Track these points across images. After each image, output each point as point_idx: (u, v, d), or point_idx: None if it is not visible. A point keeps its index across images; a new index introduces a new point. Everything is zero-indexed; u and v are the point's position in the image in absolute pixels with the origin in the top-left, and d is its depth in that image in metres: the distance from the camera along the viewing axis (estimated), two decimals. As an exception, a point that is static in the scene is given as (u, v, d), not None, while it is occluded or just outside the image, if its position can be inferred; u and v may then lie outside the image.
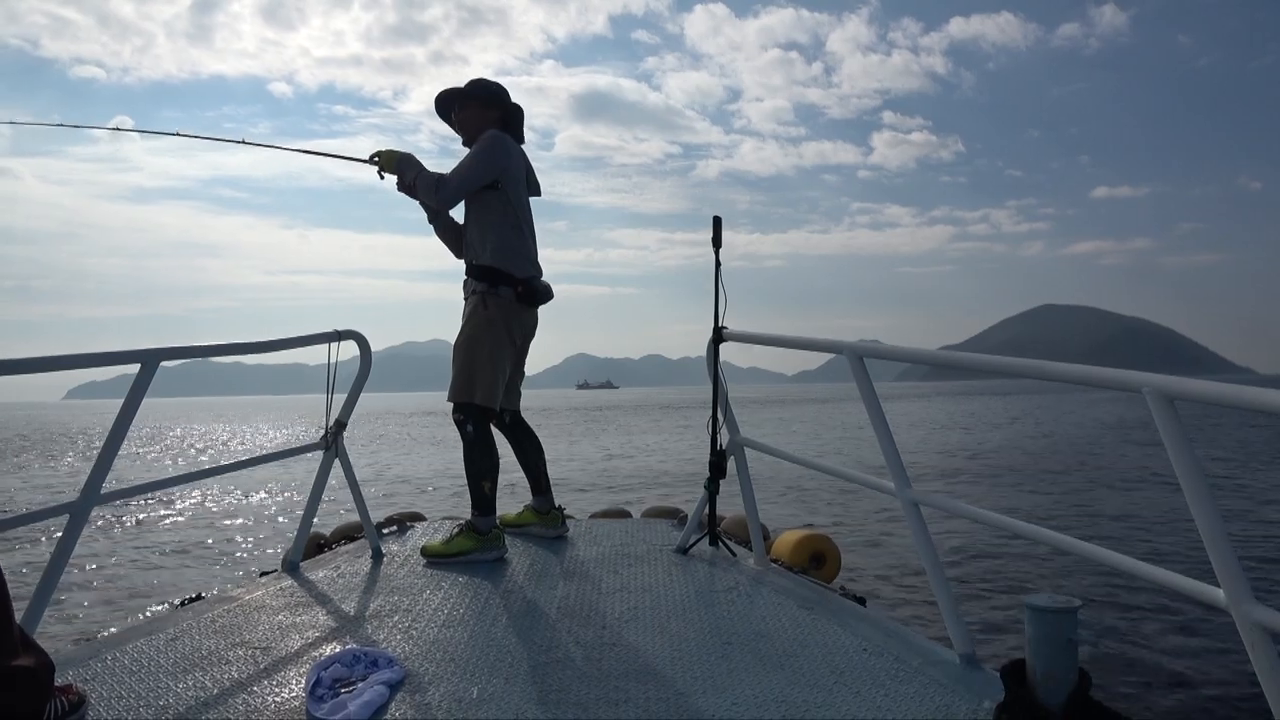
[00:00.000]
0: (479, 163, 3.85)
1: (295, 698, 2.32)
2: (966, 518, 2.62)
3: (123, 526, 11.68)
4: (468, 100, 4.03)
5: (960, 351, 2.80)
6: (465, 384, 3.87)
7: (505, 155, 3.90)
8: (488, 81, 4.10)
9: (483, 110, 4.01)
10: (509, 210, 3.92)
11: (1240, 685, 4.96)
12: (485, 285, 3.89)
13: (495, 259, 3.89)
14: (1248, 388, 1.66)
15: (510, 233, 3.92)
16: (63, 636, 6.38)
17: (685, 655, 2.64)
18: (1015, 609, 6.40)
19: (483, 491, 3.90)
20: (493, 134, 3.90)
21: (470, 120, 4.02)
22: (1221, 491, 13.15)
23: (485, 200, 3.90)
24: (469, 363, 3.88)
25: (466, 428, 3.88)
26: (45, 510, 2.74)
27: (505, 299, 3.90)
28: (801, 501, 12.64)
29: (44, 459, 27.70)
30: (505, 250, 3.91)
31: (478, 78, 4.14)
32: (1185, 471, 1.74)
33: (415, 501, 12.80)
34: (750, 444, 3.96)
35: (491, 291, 3.88)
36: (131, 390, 2.85)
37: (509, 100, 4.09)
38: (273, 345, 3.81)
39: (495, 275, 3.89)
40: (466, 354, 3.89)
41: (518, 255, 3.94)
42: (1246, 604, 1.67)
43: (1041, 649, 1.95)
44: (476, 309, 3.90)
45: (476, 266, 3.93)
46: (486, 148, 3.86)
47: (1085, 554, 2.12)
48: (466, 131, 4.04)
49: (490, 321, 3.88)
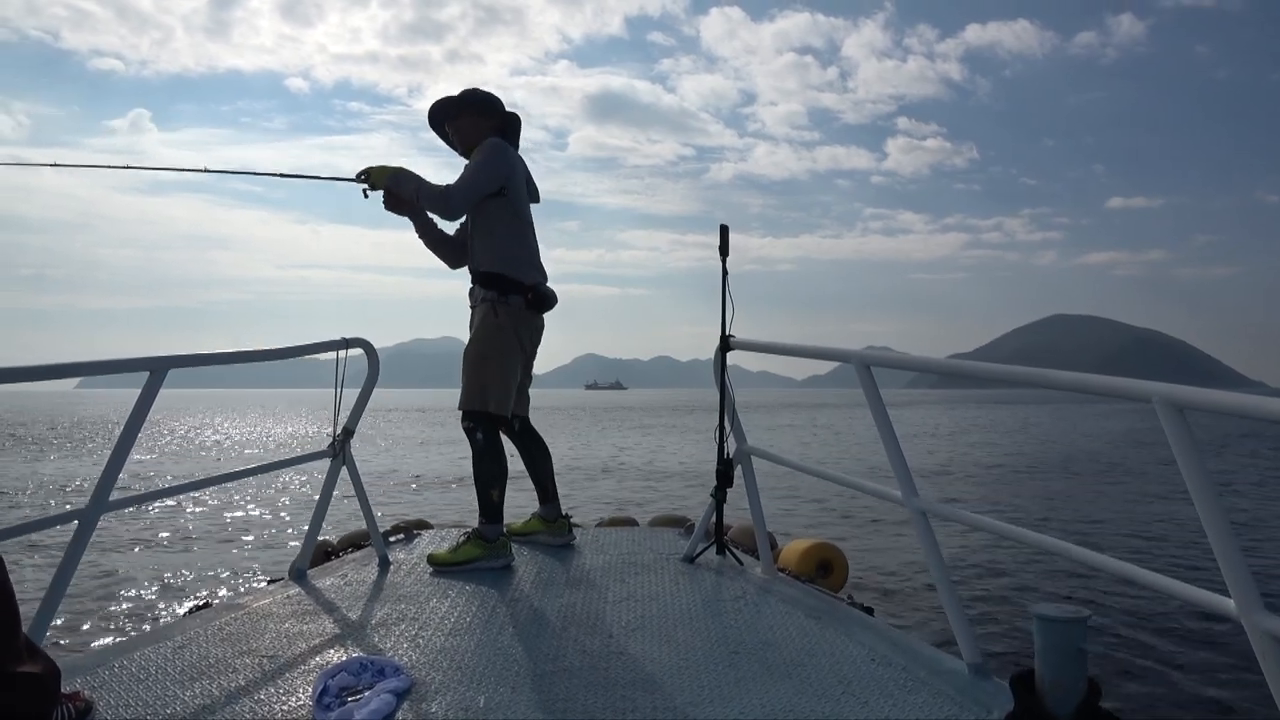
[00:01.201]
0: (484, 170, 3.83)
1: (302, 706, 2.32)
2: (974, 527, 2.62)
3: (130, 533, 11.70)
4: (464, 109, 4.02)
5: (969, 360, 2.79)
6: (477, 392, 3.87)
7: (509, 162, 3.90)
8: (482, 90, 4.09)
9: (479, 119, 4.00)
10: (514, 217, 3.92)
11: (1251, 695, 4.92)
12: (495, 293, 3.89)
13: (503, 266, 3.89)
14: (1257, 397, 1.65)
15: (516, 239, 3.93)
16: (70, 643, 6.39)
17: (692, 664, 2.63)
18: (1024, 618, 6.37)
19: (491, 499, 3.89)
20: (495, 141, 3.90)
21: (467, 129, 4.00)
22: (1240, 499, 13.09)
23: (490, 208, 3.89)
24: (480, 371, 3.88)
25: (476, 435, 3.88)
26: (54, 517, 2.75)
27: (515, 306, 3.90)
28: (809, 510, 12.61)
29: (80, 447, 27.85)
30: (512, 257, 3.91)
31: (471, 86, 4.13)
32: (1195, 481, 1.73)
33: (421, 506, 12.81)
34: (757, 452, 3.95)
35: (501, 299, 3.88)
36: (140, 398, 2.86)
37: (504, 108, 4.08)
38: (280, 354, 3.82)
39: (504, 283, 3.89)
40: (478, 362, 3.89)
41: (525, 262, 3.95)
42: (1257, 613, 1.66)
43: (1050, 658, 1.94)
44: (487, 317, 3.89)
45: (484, 274, 3.93)
46: (490, 155, 3.85)
47: (1094, 563, 2.11)
48: (464, 141, 4.02)
49: (501, 329, 3.88)
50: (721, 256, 4.00)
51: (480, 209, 3.91)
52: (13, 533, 2.62)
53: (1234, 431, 28.75)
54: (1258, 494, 14.43)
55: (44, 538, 9.96)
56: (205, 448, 30.05)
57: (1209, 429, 30.32)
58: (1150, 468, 18.49)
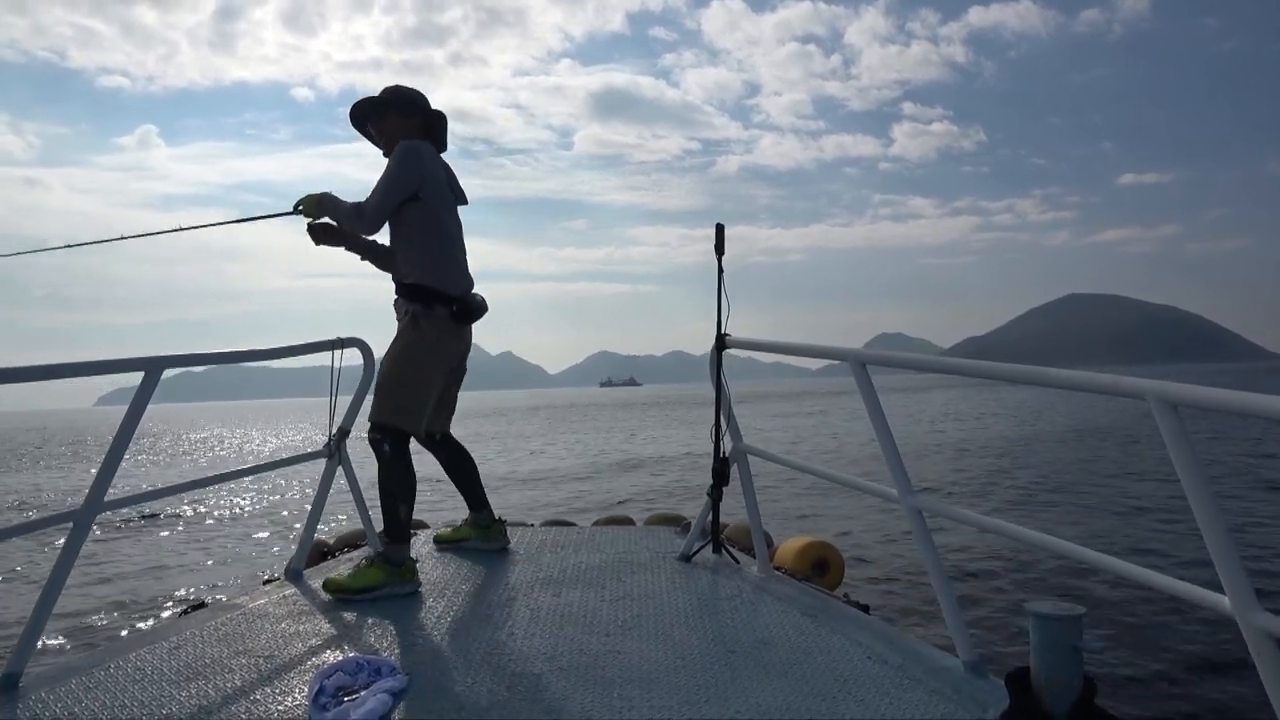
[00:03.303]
0: (394, 177, 3.61)
1: (298, 706, 2.32)
2: (970, 524, 2.62)
3: (125, 534, 11.68)
4: (386, 109, 3.81)
5: (972, 354, 2.80)
6: (390, 405, 3.61)
7: (420, 164, 3.65)
8: (405, 88, 3.89)
9: (403, 119, 3.79)
10: (434, 223, 3.70)
11: (1245, 692, 4.94)
12: (419, 305, 3.67)
13: (425, 277, 3.68)
14: (1253, 395, 1.65)
15: (438, 247, 3.71)
16: (66, 644, 6.38)
17: (688, 663, 2.63)
18: (1019, 616, 6.38)
19: (398, 517, 3.61)
20: (405, 144, 3.66)
21: (390, 130, 3.79)
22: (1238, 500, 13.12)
23: (407, 215, 3.67)
24: (396, 384, 3.64)
25: (383, 448, 3.60)
26: (48, 519, 2.74)
27: (440, 318, 3.68)
28: (805, 508, 12.62)
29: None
30: (435, 266, 3.70)
31: (394, 84, 3.91)
32: (1189, 477, 1.73)
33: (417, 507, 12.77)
34: (753, 451, 3.95)
35: (425, 311, 3.66)
36: (135, 398, 2.86)
37: (429, 106, 3.87)
38: (274, 353, 3.82)
39: (428, 294, 3.67)
40: (395, 375, 3.65)
41: (448, 271, 3.74)
42: (1252, 611, 1.67)
43: (1046, 656, 1.95)
44: (408, 329, 3.68)
45: (407, 285, 3.71)
46: (399, 160, 3.62)
47: (1089, 561, 2.11)
48: (387, 142, 3.80)
49: (423, 342, 3.66)
50: (717, 255, 4.00)
51: (398, 218, 3.68)
52: (8, 534, 2.61)
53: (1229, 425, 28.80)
54: (1254, 491, 14.47)
55: (39, 539, 9.94)
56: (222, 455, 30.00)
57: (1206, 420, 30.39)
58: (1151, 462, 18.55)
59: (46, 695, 2.45)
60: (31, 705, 2.38)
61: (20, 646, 2.59)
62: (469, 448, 4.28)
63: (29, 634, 2.61)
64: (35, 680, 2.59)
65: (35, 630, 2.62)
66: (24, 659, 2.59)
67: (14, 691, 2.49)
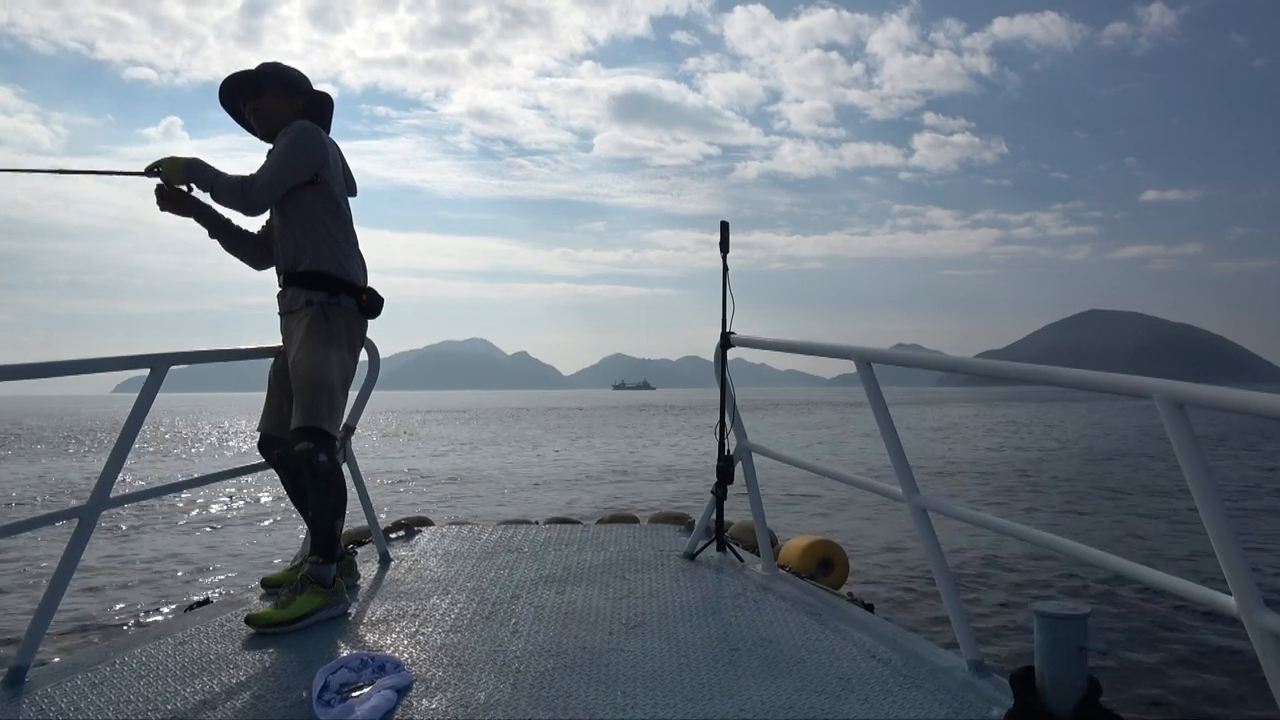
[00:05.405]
0: (293, 155, 3.28)
1: (303, 702, 2.33)
2: (975, 523, 2.62)
3: (131, 530, 11.72)
4: (266, 87, 3.44)
5: (989, 359, 2.79)
6: (314, 407, 3.22)
7: (322, 146, 3.37)
8: (285, 65, 3.53)
9: (286, 99, 3.46)
10: (335, 208, 3.41)
11: (1251, 693, 4.92)
12: (324, 295, 3.34)
13: (332, 264, 3.36)
14: (1258, 394, 1.64)
15: (341, 234, 3.42)
16: (72, 640, 6.40)
17: (692, 661, 2.64)
18: (1024, 615, 6.37)
19: (334, 532, 3.29)
20: (305, 123, 3.37)
21: (270, 110, 3.44)
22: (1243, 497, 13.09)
23: (306, 198, 3.35)
24: (318, 383, 3.24)
25: (319, 458, 3.22)
26: (54, 514, 2.75)
27: (348, 309, 3.38)
28: (809, 507, 12.61)
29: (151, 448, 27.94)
30: (339, 254, 3.39)
31: (273, 61, 3.55)
32: (1195, 478, 1.73)
33: (418, 505, 12.82)
34: (758, 449, 3.95)
35: (333, 301, 3.34)
36: (141, 394, 2.87)
37: (312, 86, 3.56)
38: (279, 350, 3.81)
39: (334, 283, 3.36)
40: (312, 373, 3.24)
41: (353, 259, 3.46)
42: (1258, 611, 1.66)
43: (1050, 656, 1.94)
44: (317, 321, 3.31)
45: (309, 274, 3.35)
46: (300, 137, 3.31)
47: (1095, 560, 2.11)
48: (265, 124, 3.45)
49: (334, 335, 3.33)
50: (722, 253, 4.00)
51: (292, 200, 3.36)
52: (14, 529, 2.62)
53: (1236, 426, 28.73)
54: (1259, 490, 14.43)
55: (46, 534, 9.98)
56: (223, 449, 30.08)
57: (1214, 422, 30.31)
58: (1160, 465, 18.50)
59: (52, 690, 2.46)
60: (37, 700, 2.39)
61: (26, 642, 2.60)
62: (468, 448, 4.25)
63: (34, 629, 2.62)
64: (41, 675, 2.60)
65: (41, 625, 2.63)
66: (30, 654, 2.60)
67: (20, 687, 2.50)
